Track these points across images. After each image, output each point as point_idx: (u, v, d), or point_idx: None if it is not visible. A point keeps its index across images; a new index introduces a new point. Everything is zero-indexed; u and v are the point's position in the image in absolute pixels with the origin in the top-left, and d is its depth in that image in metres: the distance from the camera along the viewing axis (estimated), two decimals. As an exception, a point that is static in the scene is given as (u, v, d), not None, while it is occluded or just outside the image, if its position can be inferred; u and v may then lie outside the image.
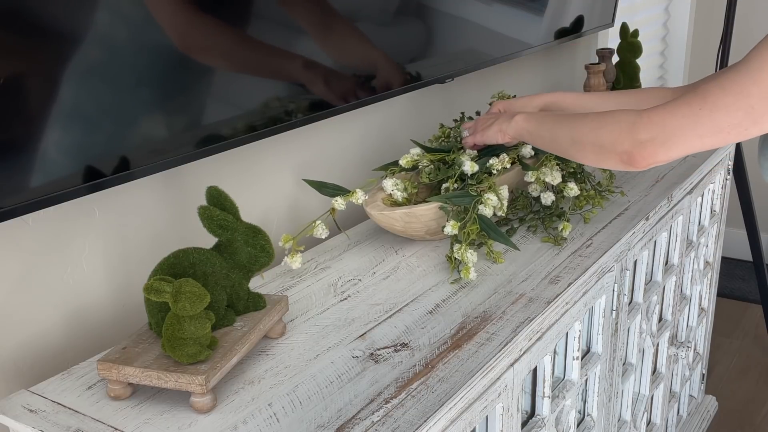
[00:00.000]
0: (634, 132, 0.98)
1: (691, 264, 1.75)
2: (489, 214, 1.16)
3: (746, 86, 0.90)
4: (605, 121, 1.02)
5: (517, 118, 1.18)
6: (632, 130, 0.98)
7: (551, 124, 1.12)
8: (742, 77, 0.91)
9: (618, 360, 1.38)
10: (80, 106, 0.88)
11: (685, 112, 0.94)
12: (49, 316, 1.00)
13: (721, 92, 0.92)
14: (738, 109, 0.91)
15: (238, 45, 1.06)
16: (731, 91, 0.91)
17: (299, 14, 1.15)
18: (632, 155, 0.98)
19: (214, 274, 0.91)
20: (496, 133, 1.21)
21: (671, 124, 0.95)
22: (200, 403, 0.84)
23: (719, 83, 0.93)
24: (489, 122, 1.24)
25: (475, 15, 1.54)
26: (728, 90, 0.92)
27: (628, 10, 2.49)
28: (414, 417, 0.82)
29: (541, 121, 1.15)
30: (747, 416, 2.26)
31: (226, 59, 1.04)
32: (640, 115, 0.98)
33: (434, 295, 1.10)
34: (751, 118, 0.91)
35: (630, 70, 1.97)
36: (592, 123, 1.04)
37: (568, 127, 1.09)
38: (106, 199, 1.03)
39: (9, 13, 0.78)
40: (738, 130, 0.93)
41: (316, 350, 0.96)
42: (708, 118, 0.93)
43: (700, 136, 0.94)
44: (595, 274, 1.20)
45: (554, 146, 1.12)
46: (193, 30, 0.99)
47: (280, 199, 1.31)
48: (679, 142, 0.96)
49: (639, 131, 0.97)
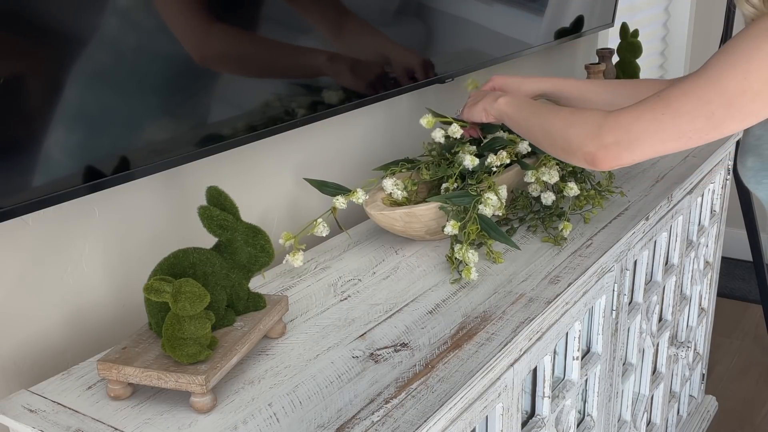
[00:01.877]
0: (600, 135, 1.01)
1: (691, 264, 1.75)
2: (489, 214, 1.17)
3: (707, 93, 0.94)
4: (574, 120, 1.05)
5: (501, 101, 1.21)
6: (598, 133, 1.01)
7: (528, 113, 1.15)
8: (703, 83, 0.94)
9: (618, 360, 1.38)
10: (80, 106, 0.88)
11: (648, 117, 0.97)
12: (49, 316, 1.00)
13: (684, 98, 0.95)
14: (699, 115, 0.94)
15: (238, 44, 1.06)
16: (693, 97, 0.95)
17: (300, 14, 1.15)
18: (596, 156, 1.02)
19: (214, 274, 0.91)
20: (480, 111, 1.24)
21: (636, 128, 0.98)
22: (200, 403, 0.84)
23: (681, 89, 0.96)
24: (477, 99, 1.26)
25: (475, 15, 1.54)
26: (691, 96, 0.95)
27: (628, 10, 2.49)
28: (414, 417, 0.82)
29: (519, 107, 1.18)
30: (747, 416, 2.26)
31: (225, 58, 1.04)
32: (606, 118, 1.01)
33: (434, 295, 1.10)
34: (712, 124, 0.95)
35: (630, 70, 1.97)
36: (564, 120, 1.07)
37: (542, 119, 1.12)
38: (106, 199, 1.03)
39: (8, 14, 0.78)
40: (699, 135, 0.96)
41: (316, 350, 0.96)
42: (670, 124, 0.96)
43: (663, 141, 0.98)
44: (595, 274, 1.20)
45: (529, 134, 1.16)
46: (194, 31, 0.99)
47: (280, 199, 1.31)
48: (643, 146, 0.99)
49: (604, 134, 1.00)
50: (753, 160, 1.05)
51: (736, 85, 0.92)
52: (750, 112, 0.93)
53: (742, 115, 0.94)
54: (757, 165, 1.04)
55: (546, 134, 1.10)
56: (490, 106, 1.22)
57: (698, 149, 1.70)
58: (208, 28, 1.01)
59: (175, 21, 0.96)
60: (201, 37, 1.00)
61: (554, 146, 1.09)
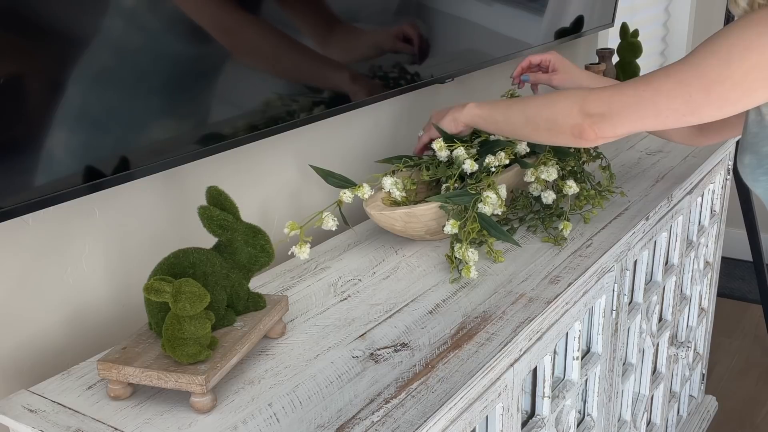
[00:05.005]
0: (585, 107, 1.05)
1: (691, 264, 1.75)
2: (489, 212, 1.17)
3: (687, 76, 0.97)
4: (557, 98, 1.09)
5: (470, 106, 1.24)
6: (582, 105, 1.05)
7: (504, 107, 1.18)
8: (686, 68, 0.98)
9: (618, 360, 1.38)
10: (80, 106, 0.88)
11: (629, 92, 1.02)
12: (49, 316, 1.00)
13: (665, 78, 1.00)
14: (677, 95, 0.98)
15: (238, 43, 1.06)
16: (674, 78, 0.99)
17: (300, 14, 1.15)
18: (582, 128, 1.06)
19: (214, 274, 0.91)
20: (449, 122, 1.26)
21: (617, 102, 1.03)
22: (200, 403, 0.84)
23: (665, 71, 1.00)
24: (441, 114, 1.29)
25: (475, 15, 1.54)
26: (671, 77, 0.99)
27: (628, 10, 2.49)
28: (414, 417, 0.82)
29: (493, 105, 1.21)
30: (747, 416, 2.26)
31: (225, 58, 1.04)
32: (590, 92, 1.06)
33: (434, 295, 1.10)
34: (689, 108, 0.98)
35: (630, 70, 1.97)
36: (545, 100, 1.11)
37: (521, 107, 1.15)
38: (106, 199, 1.03)
39: (8, 14, 0.78)
40: (676, 116, 1.00)
41: (316, 350, 0.96)
42: (650, 101, 1.00)
43: (641, 117, 1.02)
44: (595, 274, 1.20)
45: (509, 128, 1.18)
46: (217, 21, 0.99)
47: (281, 199, 1.31)
48: (623, 121, 1.04)
49: (588, 106, 1.05)
50: (750, 158, 1.07)
51: (717, 72, 0.95)
52: (727, 99, 0.96)
53: (719, 102, 0.97)
54: (753, 162, 1.06)
55: (528, 120, 1.13)
56: (459, 114, 1.24)
57: (698, 149, 1.70)
58: (224, 20, 1.01)
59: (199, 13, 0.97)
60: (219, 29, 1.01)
61: (538, 129, 1.12)
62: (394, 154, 1.54)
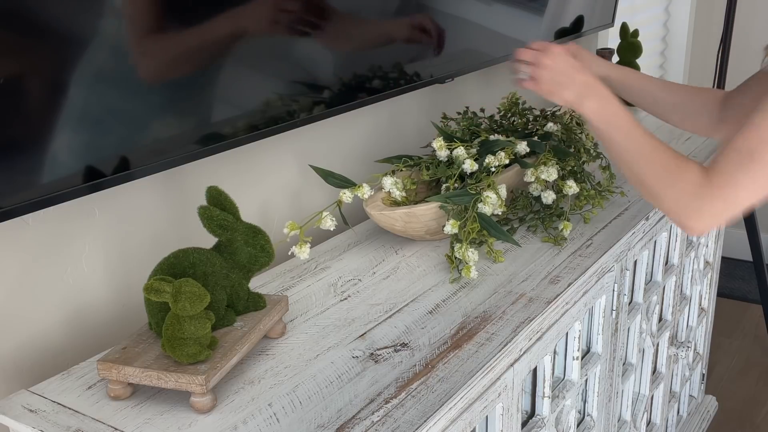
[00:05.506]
0: (701, 210, 1.01)
1: (691, 264, 1.75)
2: (489, 212, 1.17)
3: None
4: (674, 176, 1.03)
5: (590, 107, 1.09)
6: (699, 208, 1.01)
7: (625, 134, 1.07)
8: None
9: (618, 360, 1.38)
10: (81, 106, 0.88)
11: (746, 181, 0.98)
12: (49, 316, 1.00)
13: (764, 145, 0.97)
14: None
15: (237, 44, 1.06)
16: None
17: (301, 13, 1.15)
18: (696, 229, 1.03)
19: (214, 274, 0.91)
20: (560, 95, 1.12)
21: (737, 196, 0.99)
22: (200, 403, 0.84)
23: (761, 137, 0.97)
24: (547, 75, 1.12)
25: (475, 15, 1.54)
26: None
27: (628, 10, 2.49)
28: (414, 417, 0.82)
29: (610, 123, 1.08)
30: (747, 416, 2.26)
31: (225, 57, 1.04)
32: (703, 188, 1.00)
33: (434, 295, 1.10)
34: None
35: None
36: (662, 168, 1.04)
37: (640, 148, 1.06)
38: (106, 199, 1.03)
39: (5, 13, 0.78)
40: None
41: (316, 350, 0.96)
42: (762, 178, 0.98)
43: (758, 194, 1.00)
44: (595, 274, 1.20)
45: (618, 155, 1.09)
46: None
47: (281, 199, 1.31)
48: (744, 207, 1.01)
49: (705, 207, 1.00)
50: None
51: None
52: None
53: None
54: None
55: (637, 177, 1.07)
56: (577, 102, 1.10)
57: (698, 149, 1.70)
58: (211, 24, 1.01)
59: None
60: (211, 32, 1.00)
61: (644, 190, 1.07)
62: (394, 154, 1.54)
